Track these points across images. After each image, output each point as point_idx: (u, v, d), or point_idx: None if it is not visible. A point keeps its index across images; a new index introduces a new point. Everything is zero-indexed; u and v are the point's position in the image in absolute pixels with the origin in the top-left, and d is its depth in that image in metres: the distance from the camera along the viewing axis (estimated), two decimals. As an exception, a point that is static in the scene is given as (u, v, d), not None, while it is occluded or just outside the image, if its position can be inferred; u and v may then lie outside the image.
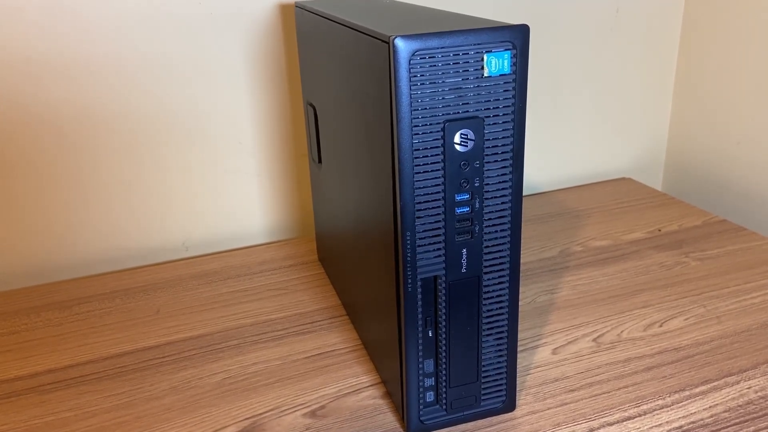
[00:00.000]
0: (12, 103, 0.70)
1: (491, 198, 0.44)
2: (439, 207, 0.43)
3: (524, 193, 0.95)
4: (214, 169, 0.80)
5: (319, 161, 0.66)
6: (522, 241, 0.79)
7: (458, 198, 0.43)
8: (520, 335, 0.61)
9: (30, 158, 0.73)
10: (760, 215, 0.87)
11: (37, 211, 0.75)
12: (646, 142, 1.00)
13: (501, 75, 0.41)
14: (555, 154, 0.95)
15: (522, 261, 0.74)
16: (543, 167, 0.95)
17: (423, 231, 0.43)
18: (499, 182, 0.43)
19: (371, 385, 0.55)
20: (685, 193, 0.99)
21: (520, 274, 0.71)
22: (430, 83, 0.40)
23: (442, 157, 0.42)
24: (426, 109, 0.40)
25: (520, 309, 0.65)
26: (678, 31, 0.95)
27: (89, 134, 0.74)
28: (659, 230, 0.80)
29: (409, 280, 0.44)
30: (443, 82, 0.40)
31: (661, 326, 0.61)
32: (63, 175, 0.74)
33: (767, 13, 0.81)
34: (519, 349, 0.59)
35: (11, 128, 0.71)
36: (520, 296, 0.67)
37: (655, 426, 0.49)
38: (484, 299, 0.46)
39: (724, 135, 0.91)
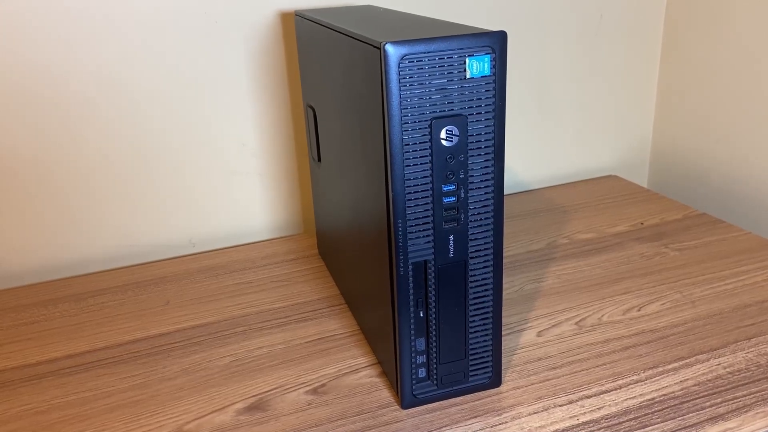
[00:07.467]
0: (28, 107, 0.74)
1: (475, 189, 0.48)
2: (427, 197, 0.47)
3: (514, 191, 1.00)
4: (219, 169, 0.84)
5: (319, 160, 0.70)
6: (511, 234, 0.83)
7: (445, 189, 0.47)
8: (507, 320, 0.65)
9: (46, 162, 0.77)
10: (738, 208, 0.92)
11: (53, 212, 0.79)
12: (632, 141, 1.04)
13: (482, 76, 0.45)
14: (544, 154, 1.00)
15: (511, 253, 0.78)
16: (532, 166, 1.00)
17: (413, 219, 0.47)
18: (483, 174, 0.48)
19: (368, 366, 0.59)
20: (669, 189, 1.03)
21: (510, 265, 0.75)
22: (418, 84, 0.44)
23: (429, 151, 0.46)
24: (414, 107, 0.45)
25: (508, 296, 0.69)
26: (660, 36, 0.99)
27: (101, 138, 0.78)
28: (642, 224, 0.84)
29: (401, 264, 0.49)
30: (430, 83, 0.44)
31: (639, 310, 0.65)
32: (77, 178, 0.78)
33: (745, 18, 0.86)
34: (506, 332, 0.63)
35: (28, 132, 0.75)
36: (509, 285, 0.71)
37: (630, 398, 0.53)
38: (470, 282, 0.51)
39: (704, 134, 0.95)
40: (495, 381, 0.54)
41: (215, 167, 0.84)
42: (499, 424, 0.51)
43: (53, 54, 0.73)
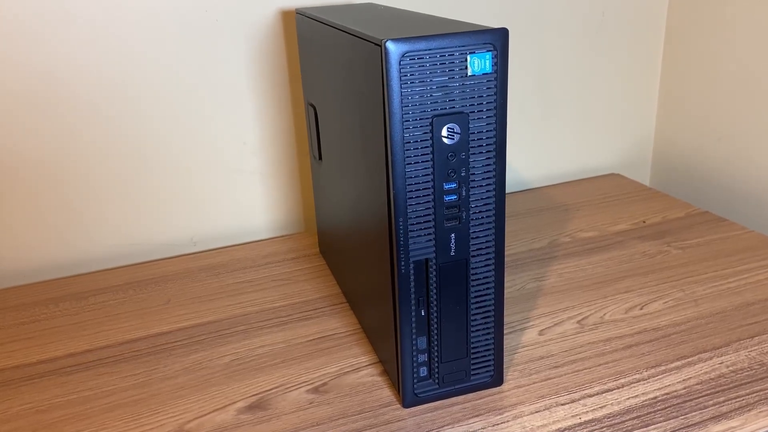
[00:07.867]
0: (30, 108, 0.74)
1: (477, 187, 0.48)
2: (428, 195, 0.47)
3: (516, 189, 0.99)
4: (220, 168, 0.84)
5: (320, 158, 0.70)
6: (513, 233, 0.83)
7: (446, 187, 0.47)
8: (509, 318, 0.65)
9: (47, 162, 0.77)
10: (741, 206, 0.91)
11: (54, 211, 0.79)
12: (634, 139, 1.04)
13: (483, 74, 0.45)
14: (545, 152, 1.00)
15: (512, 251, 0.78)
16: (534, 164, 0.99)
17: (414, 217, 0.47)
18: (484, 172, 0.48)
19: (370, 364, 0.59)
20: (671, 188, 1.03)
21: (511, 263, 0.75)
22: (419, 82, 0.44)
23: (430, 149, 0.46)
24: (415, 105, 0.44)
25: (509, 295, 0.69)
26: (662, 34, 0.99)
27: (102, 138, 0.78)
28: (644, 222, 0.84)
29: (402, 263, 0.48)
30: (431, 80, 0.44)
31: (641, 309, 0.65)
32: (77, 176, 0.78)
33: (747, 17, 0.85)
34: (508, 331, 0.63)
35: (30, 132, 0.75)
36: (510, 283, 0.71)
37: (632, 397, 0.53)
38: (472, 280, 0.50)
39: (707, 132, 0.95)
40: (497, 380, 0.54)
41: (216, 166, 0.84)
42: (501, 423, 0.51)
43: (53, 53, 0.73)
